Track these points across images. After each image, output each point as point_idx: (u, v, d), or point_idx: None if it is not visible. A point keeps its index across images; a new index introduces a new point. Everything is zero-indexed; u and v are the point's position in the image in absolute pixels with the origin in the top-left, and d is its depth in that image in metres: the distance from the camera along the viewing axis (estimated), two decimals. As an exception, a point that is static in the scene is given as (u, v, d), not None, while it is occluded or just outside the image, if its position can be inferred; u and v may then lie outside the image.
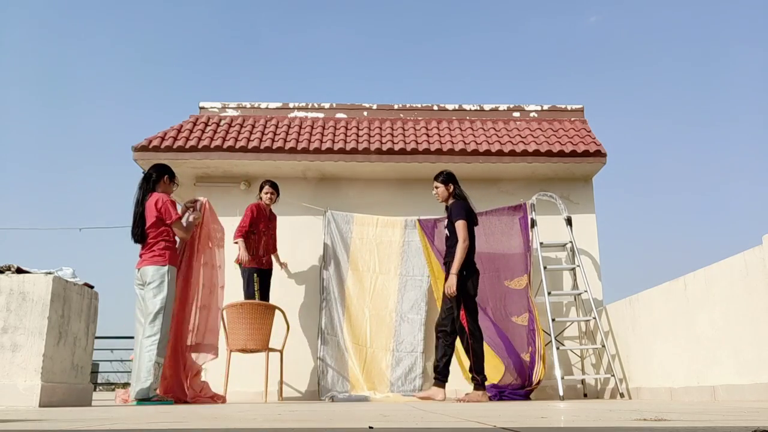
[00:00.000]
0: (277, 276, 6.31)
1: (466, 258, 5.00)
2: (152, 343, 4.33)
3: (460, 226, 4.99)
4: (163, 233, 4.66)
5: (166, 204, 4.68)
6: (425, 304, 6.34)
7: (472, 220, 5.13)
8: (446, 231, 5.26)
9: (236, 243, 5.82)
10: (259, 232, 5.97)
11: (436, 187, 5.32)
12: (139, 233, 4.65)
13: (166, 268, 4.53)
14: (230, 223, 6.04)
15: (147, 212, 4.67)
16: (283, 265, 6.44)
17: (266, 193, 6.11)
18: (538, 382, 5.56)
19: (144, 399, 4.25)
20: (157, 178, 4.82)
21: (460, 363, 5.87)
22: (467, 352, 5.02)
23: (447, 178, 5.31)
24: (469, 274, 5.04)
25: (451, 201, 5.25)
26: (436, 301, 6.18)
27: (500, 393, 5.46)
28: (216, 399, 5.00)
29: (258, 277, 5.80)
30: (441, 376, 5.01)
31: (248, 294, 5.75)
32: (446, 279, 5.05)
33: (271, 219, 6.19)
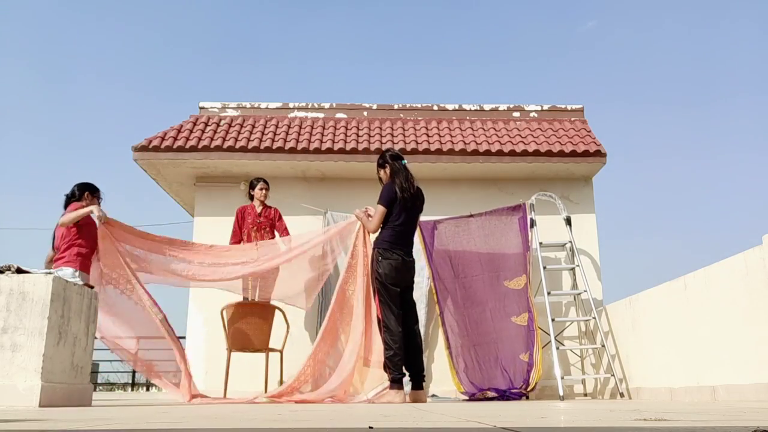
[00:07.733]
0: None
1: (388, 240, 4.64)
2: None
3: (378, 210, 4.71)
4: (74, 240, 4.80)
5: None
6: (425, 305, 6.33)
7: (394, 200, 4.68)
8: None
9: None
10: (249, 234, 5.91)
11: (379, 172, 4.91)
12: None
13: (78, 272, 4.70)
14: (229, 224, 6.06)
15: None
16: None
17: (260, 189, 6.04)
18: (535, 385, 5.55)
19: None
20: (79, 196, 4.95)
21: (450, 364, 5.88)
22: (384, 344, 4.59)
23: (383, 161, 4.87)
24: (385, 257, 4.62)
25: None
26: (435, 303, 6.18)
27: (502, 394, 5.45)
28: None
29: None
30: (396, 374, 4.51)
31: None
32: None
33: (264, 215, 6.03)
